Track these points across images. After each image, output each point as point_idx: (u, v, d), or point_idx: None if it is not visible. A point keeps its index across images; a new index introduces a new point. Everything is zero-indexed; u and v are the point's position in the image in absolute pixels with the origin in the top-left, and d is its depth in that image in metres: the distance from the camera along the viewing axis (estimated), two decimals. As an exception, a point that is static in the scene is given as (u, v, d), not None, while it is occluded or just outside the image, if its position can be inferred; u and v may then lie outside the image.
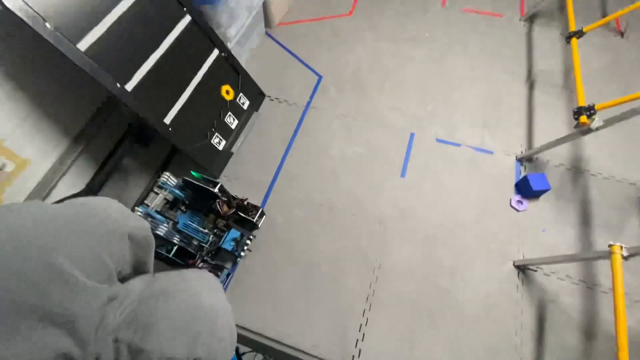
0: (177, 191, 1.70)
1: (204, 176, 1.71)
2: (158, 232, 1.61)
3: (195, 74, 1.84)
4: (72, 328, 0.49)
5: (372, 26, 2.66)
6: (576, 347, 1.52)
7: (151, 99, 1.62)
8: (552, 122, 2.11)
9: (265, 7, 2.50)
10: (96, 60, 1.39)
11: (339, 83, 2.37)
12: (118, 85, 1.47)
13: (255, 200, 1.92)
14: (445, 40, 2.55)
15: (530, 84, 2.29)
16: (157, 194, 1.69)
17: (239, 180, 2.00)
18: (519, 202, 1.84)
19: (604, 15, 2.61)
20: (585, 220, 1.81)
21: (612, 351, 1.14)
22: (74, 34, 1.33)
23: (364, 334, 1.57)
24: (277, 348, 1.51)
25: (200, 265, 1.62)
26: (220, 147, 2.00)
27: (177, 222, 1.72)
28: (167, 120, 1.70)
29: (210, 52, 1.93)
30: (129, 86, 1.51)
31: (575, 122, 1.65)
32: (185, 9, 1.76)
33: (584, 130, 1.61)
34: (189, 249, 1.64)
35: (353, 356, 1.53)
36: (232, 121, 2.07)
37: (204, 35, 1.88)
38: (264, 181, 2.00)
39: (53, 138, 1.68)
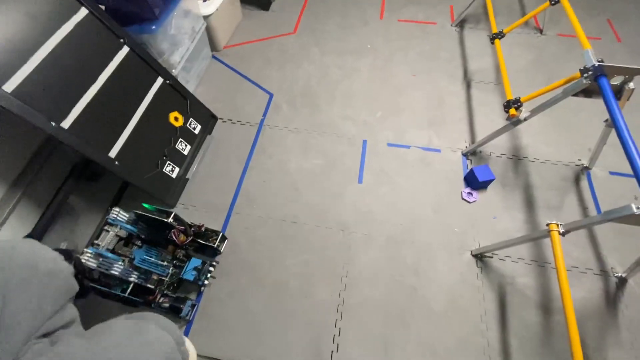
0: (129, 226, 1.64)
1: (157, 207, 1.66)
2: (113, 272, 1.53)
3: (140, 103, 1.81)
4: None
5: (317, 42, 2.76)
6: (537, 324, 1.61)
7: (92, 134, 1.57)
8: (490, 116, 2.27)
9: (209, 31, 2.52)
10: (25, 101, 1.32)
11: (290, 99, 2.42)
12: (53, 123, 1.41)
13: (216, 224, 1.89)
14: (387, 50, 2.69)
15: (467, 83, 2.47)
16: (107, 231, 1.61)
17: (196, 206, 1.96)
18: (469, 194, 1.95)
19: (524, 15, 2.88)
20: (530, 203, 1.94)
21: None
22: (-2, 76, 1.27)
23: (337, 345, 1.57)
24: (251, 374, 1.47)
25: (160, 300, 1.56)
26: (174, 175, 1.96)
27: (134, 259, 1.64)
28: (113, 153, 1.64)
29: (154, 80, 1.90)
30: (66, 124, 1.45)
31: (506, 115, 1.80)
32: (122, 40, 1.74)
33: (515, 121, 1.75)
34: (148, 285, 1.57)
35: (329, 369, 1.52)
36: (184, 147, 2.04)
37: (145, 65, 1.85)
38: (223, 204, 1.97)
39: (-15, 187, 1.57)
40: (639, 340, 1.56)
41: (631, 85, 1.52)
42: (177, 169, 1.98)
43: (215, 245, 1.71)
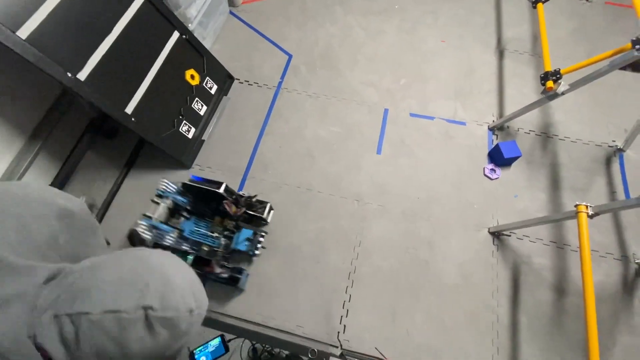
0: (179, 197, 1.62)
1: (205, 178, 1.62)
2: (165, 243, 1.54)
3: (156, 58, 1.74)
4: (4, 311, 0.46)
5: (342, 0, 2.57)
6: (549, 304, 1.60)
7: (108, 88, 1.53)
8: (522, 89, 2.13)
9: (227, -16, 2.37)
10: (41, 49, 1.28)
11: (310, 61, 2.31)
12: (69, 74, 1.37)
13: (232, 187, 1.88)
14: (416, 12, 2.50)
15: (501, 52, 2.30)
16: (157, 203, 1.60)
17: (212, 168, 1.95)
18: (492, 170, 1.88)
19: (571, -22, 2.60)
20: (554, 183, 1.87)
21: (582, 305, 1.20)
22: (11, 21, 1.22)
23: (347, 310, 1.60)
24: (262, 332, 1.53)
25: (218, 271, 1.57)
26: (190, 135, 1.93)
27: (183, 230, 1.64)
28: (129, 109, 1.61)
29: (170, 34, 1.82)
30: (82, 75, 1.41)
31: (542, 88, 1.67)
32: (137, -12, 1.64)
33: (551, 95, 1.64)
34: (202, 256, 1.57)
35: (338, 332, 1.56)
36: (200, 107, 1.99)
37: (161, 17, 1.76)
38: (238, 167, 1.95)
39: (5, 138, 1.57)
40: (653, 326, 1.55)
41: (688, 60, 1.38)
42: (193, 130, 1.95)
43: (264, 216, 1.69)
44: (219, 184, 1.58)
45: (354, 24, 2.46)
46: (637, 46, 1.36)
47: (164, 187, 1.60)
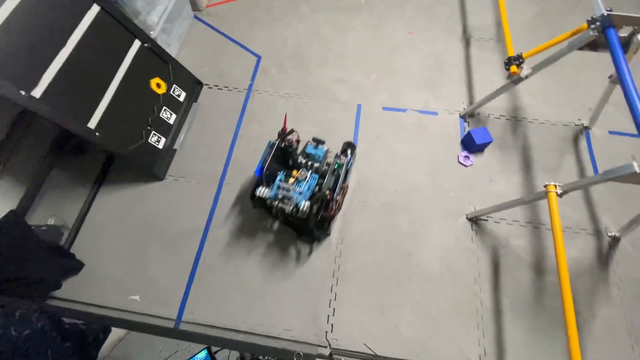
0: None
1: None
2: (292, 196, 1.47)
3: (117, 69, 1.69)
4: None
5: (307, -2, 2.56)
6: (529, 284, 1.64)
7: (68, 103, 1.47)
8: (489, 76, 2.17)
9: (188, -12, 2.32)
10: (-12, 68, 1.22)
11: (280, 61, 2.28)
12: (23, 93, 1.31)
13: (208, 195, 1.85)
14: (382, 5, 2.51)
15: (467, 41, 2.33)
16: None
17: (186, 177, 1.90)
18: (466, 157, 1.90)
19: (529, -36, 2.66)
20: (527, 165, 1.91)
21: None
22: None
23: (334, 309, 1.59)
24: (247, 341, 1.50)
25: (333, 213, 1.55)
26: (161, 146, 1.88)
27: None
28: (92, 124, 1.55)
29: (131, 43, 1.76)
30: (37, 92, 1.35)
31: (507, 73, 1.70)
32: (91, -3, 1.58)
33: (516, 79, 1.67)
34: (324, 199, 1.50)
35: (326, 332, 1.55)
36: (169, 116, 1.94)
37: (119, 26, 1.71)
38: (214, 174, 1.91)
39: (-40, 162, 1.49)
40: (628, 296, 1.60)
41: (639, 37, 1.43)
42: (163, 139, 1.90)
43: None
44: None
45: (322, 21, 2.45)
46: (592, 26, 1.39)
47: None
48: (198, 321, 1.58)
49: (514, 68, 1.67)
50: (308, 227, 1.54)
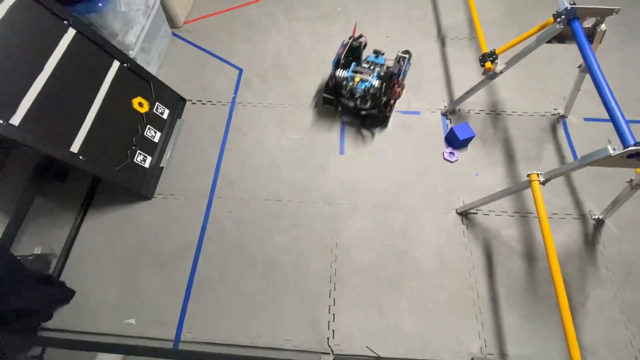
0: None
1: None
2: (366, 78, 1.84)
3: (97, 91, 1.68)
4: None
5: (284, 9, 2.60)
6: (522, 272, 1.67)
7: (48, 129, 1.45)
8: (466, 73, 2.24)
9: (165, 6, 2.33)
10: (-37, 98, 1.20)
11: (262, 72, 2.30)
12: (0, 121, 1.28)
13: (198, 211, 1.84)
14: (358, 12, 2.56)
15: (442, 40, 2.40)
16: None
17: (175, 194, 1.89)
18: (451, 153, 1.95)
19: (494, -36, 2.77)
20: (510, 157, 1.96)
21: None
22: None
23: (334, 315, 1.59)
24: (250, 354, 1.48)
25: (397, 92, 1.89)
26: (147, 165, 1.86)
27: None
28: (75, 148, 1.53)
29: (110, 64, 1.76)
30: (15, 120, 1.33)
31: (482, 69, 1.76)
32: (66, 22, 1.57)
33: (491, 74, 1.72)
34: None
35: (328, 338, 1.54)
36: (153, 134, 1.93)
37: (97, 48, 1.70)
38: (203, 189, 1.90)
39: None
40: (617, 276, 1.65)
41: (603, 27, 1.50)
42: (149, 158, 1.88)
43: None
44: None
45: (300, 31, 2.49)
46: (558, 19, 1.46)
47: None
48: (197, 339, 1.55)
49: (488, 64, 1.72)
50: (378, 103, 1.86)
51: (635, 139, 1.14)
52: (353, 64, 1.95)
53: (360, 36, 1.99)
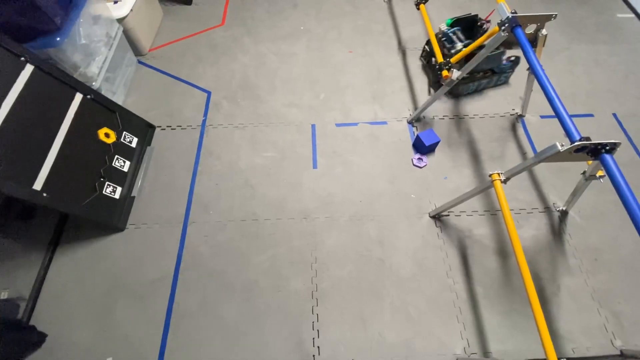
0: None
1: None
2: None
3: (60, 125, 1.64)
4: None
5: (248, 31, 2.65)
6: (497, 269, 1.72)
7: (8, 167, 1.40)
8: (427, 81, 2.33)
9: (128, 35, 2.33)
10: None
11: (230, 94, 2.32)
12: (-46, 164, 1.24)
13: (173, 239, 1.81)
14: (320, 29, 2.65)
15: (403, 52, 2.50)
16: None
17: (148, 224, 1.85)
18: (420, 159, 2.01)
19: (446, -22, 2.94)
20: (475, 158, 2.04)
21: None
22: None
23: (318, 331, 1.58)
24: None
25: None
26: (117, 195, 1.82)
27: None
28: (38, 185, 1.49)
29: (72, 97, 1.73)
30: (-29, 161, 1.29)
31: (440, 77, 1.85)
32: (23, 58, 1.55)
33: (449, 82, 1.81)
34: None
35: (314, 356, 1.53)
36: (122, 164, 1.90)
37: (57, 82, 1.68)
38: (177, 215, 1.88)
39: None
40: (585, 264, 1.73)
41: (544, 31, 1.61)
42: (119, 189, 1.85)
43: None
44: None
45: (265, 51, 2.54)
46: (502, 27, 1.56)
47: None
48: (180, 372, 1.50)
49: (445, 72, 1.81)
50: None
51: (580, 134, 1.22)
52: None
53: (489, 21, 2.11)
